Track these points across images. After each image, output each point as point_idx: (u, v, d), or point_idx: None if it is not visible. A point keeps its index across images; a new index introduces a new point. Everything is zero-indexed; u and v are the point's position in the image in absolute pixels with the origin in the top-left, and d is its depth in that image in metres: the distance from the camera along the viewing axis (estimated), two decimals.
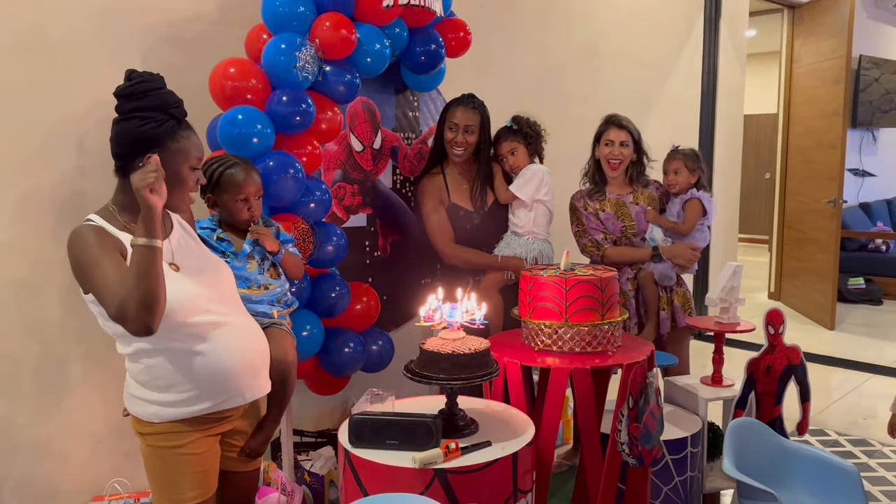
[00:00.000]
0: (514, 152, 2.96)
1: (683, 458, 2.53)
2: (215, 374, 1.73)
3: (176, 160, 1.71)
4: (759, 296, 6.85)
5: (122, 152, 1.70)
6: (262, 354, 1.88)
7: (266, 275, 2.13)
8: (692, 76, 5.19)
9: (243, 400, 1.81)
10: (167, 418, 1.72)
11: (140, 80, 1.71)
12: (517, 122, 2.98)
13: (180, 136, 1.72)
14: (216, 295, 1.78)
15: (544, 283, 2.22)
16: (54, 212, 2.39)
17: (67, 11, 2.38)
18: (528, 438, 1.88)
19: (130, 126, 1.68)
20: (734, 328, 2.75)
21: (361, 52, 2.48)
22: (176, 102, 1.74)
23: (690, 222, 3.04)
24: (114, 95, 1.73)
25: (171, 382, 1.71)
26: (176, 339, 1.69)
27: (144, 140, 1.67)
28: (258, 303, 2.10)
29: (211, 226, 2.14)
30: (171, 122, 1.70)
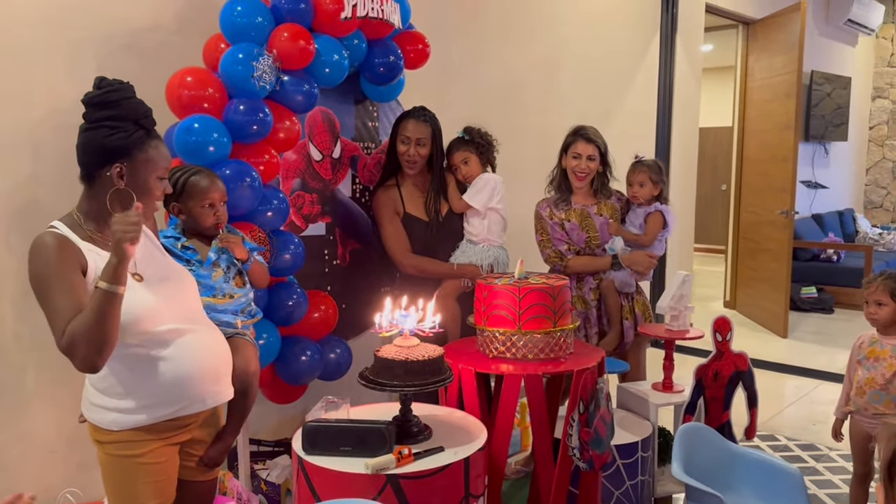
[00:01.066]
0: (466, 162, 3.02)
1: (634, 462, 2.58)
2: (177, 378, 1.73)
3: (144, 170, 1.71)
4: (716, 304, 6.99)
5: (90, 161, 1.70)
6: (224, 361, 1.88)
7: (232, 283, 2.14)
8: (649, 90, 5.31)
9: (204, 406, 1.81)
10: (127, 426, 1.72)
11: (110, 88, 1.70)
12: (469, 133, 3.04)
13: (148, 147, 1.72)
14: (179, 305, 1.78)
15: (498, 291, 2.27)
16: (7, 220, 2.37)
17: (25, 18, 2.37)
18: (481, 443, 1.91)
19: (99, 135, 1.67)
20: (683, 335, 2.83)
21: (320, 62, 2.50)
22: (146, 112, 1.74)
23: (652, 234, 3.11)
24: (82, 102, 1.72)
25: (132, 388, 1.71)
26: (137, 346, 1.69)
27: (112, 150, 1.67)
28: (223, 312, 2.10)
29: (175, 234, 2.13)
30: (140, 133, 1.70)
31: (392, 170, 3.03)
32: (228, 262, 2.14)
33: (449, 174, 3.07)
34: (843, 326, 6.31)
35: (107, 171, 1.68)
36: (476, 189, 2.99)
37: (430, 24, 3.14)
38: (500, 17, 4.12)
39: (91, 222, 1.71)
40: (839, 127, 7.85)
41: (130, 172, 1.69)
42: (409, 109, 3.00)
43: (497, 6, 4.09)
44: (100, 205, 1.70)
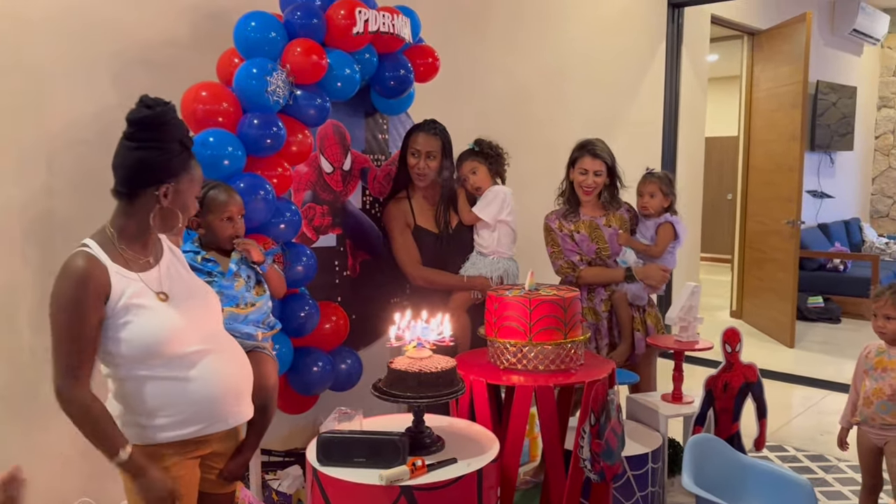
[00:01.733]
0: (475, 171, 3.04)
1: (645, 473, 2.59)
2: (201, 400, 1.74)
3: (188, 190, 1.74)
4: (722, 314, 6.99)
5: (136, 180, 1.68)
6: (245, 380, 1.89)
7: (252, 292, 2.17)
8: (655, 99, 5.34)
9: (226, 425, 1.82)
10: (150, 442, 1.73)
11: (162, 108, 1.69)
12: (478, 145, 3.07)
13: (191, 167, 1.74)
14: (203, 324, 1.79)
15: (509, 302, 2.28)
16: (23, 232, 2.40)
17: (43, 33, 2.40)
18: (493, 455, 1.93)
19: (150, 156, 1.67)
20: (692, 346, 2.84)
21: (332, 76, 2.53)
22: (187, 131, 1.75)
23: (662, 245, 3.12)
24: (129, 121, 1.70)
25: (156, 408, 1.72)
26: (162, 369, 1.70)
27: (163, 171, 1.68)
28: (244, 322, 2.13)
29: (194, 248, 2.16)
30: (185, 153, 1.72)
31: (402, 182, 3.06)
32: (248, 271, 2.18)
33: (459, 186, 3.10)
34: (850, 336, 6.30)
35: (153, 191, 1.68)
36: (486, 201, 3.01)
37: (437, 37, 3.18)
38: (506, 29, 4.15)
39: (125, 240, 1.71)
40: (845, 136, 7.86)
41: (176, 192, 1.70)
42: (420, 122, 3.03)
43: (503, 18, 4.12)
44: (138, 223, 1.71)
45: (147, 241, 1.75)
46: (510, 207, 3.02)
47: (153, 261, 1.75)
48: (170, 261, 1.81)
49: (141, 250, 1.73)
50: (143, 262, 1.73)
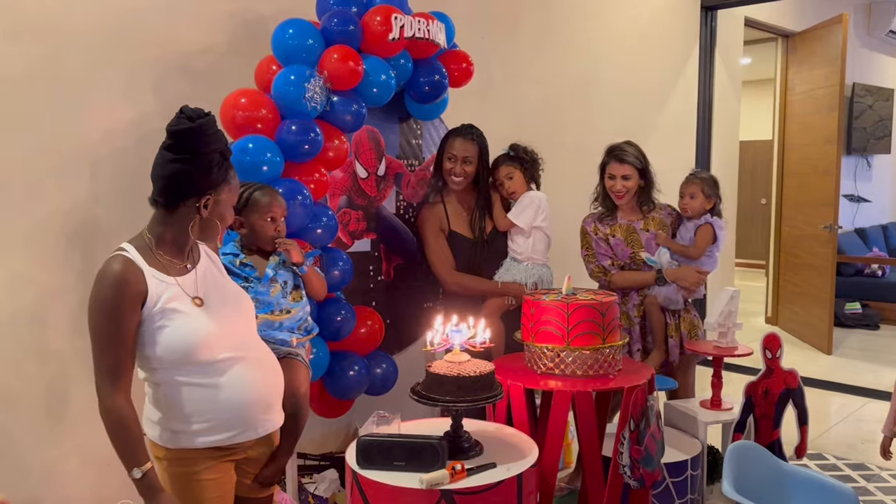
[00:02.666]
0: (510, 177, 3.04)
1: (684, 480, 2.56)
2: (231, 408, 1.75)
3: (228, 202, 1.77)
4: (757, 320, 6.89)
5: (176, 192, 1.70)
6: (276, 390, 1.89)
7: (289, 298, 2.18)
8: (688, 103, 5.29)
9: (256, 434, 1.83)
10: (182, 445, 1.75)
11: (203, 121, 1.69)
12: (514, 150, 3.07)
13: (231, 178, 1.76)
14: (236, 330, 1.80)
15: (546, 307, 2.27)
16: (67, 238, 2.44)
17: (83, 41, 2.45)
18: (533, 460, 1.91)
19: (191, 169, 1.67)
20: (732, 352, 2.80)
21: (368, 82, 2.55)
22: (227, 142, 1.76)
23: (700, 247, 3.07)
24: (170, 132, 1.70)
25: (188, 413, 1.73)
26: (195, 375, 1.72)
27: (204, 183, 1.70)
28: (279, 329, 2.14)
29: (234, 251, 2.18)
30: (225, 164, 1.73)
31: (438, 187, 3.07)
32: (285, 277, 2.19)
33: (494, 192, 3.09)
34: (889, 343, 6.17)
35: (194, 202, 1.70)
36: (521, 207, 3.00)
37: (469, 42, 3.18)
38: (538, 34, 4.15)
39: (162, 246, 1.73)
40: (882, 140, 7.71)
41: (215, 203, 1.73)
42: (457, 127, 3.03)
43: (535, 23, 4.12)
44: (176, 231, 1.72)
45: (184, 247, 1.77)
46: (545, 213, 3.00)
47: (190, 265, 1.77)
48: (207, 266, 1.83)
49: (178, 255, 1.75)
50: (179, 267, 1.75)
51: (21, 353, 2.36)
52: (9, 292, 2.33)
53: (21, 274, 2.36)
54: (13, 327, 2.34)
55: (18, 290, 2.36)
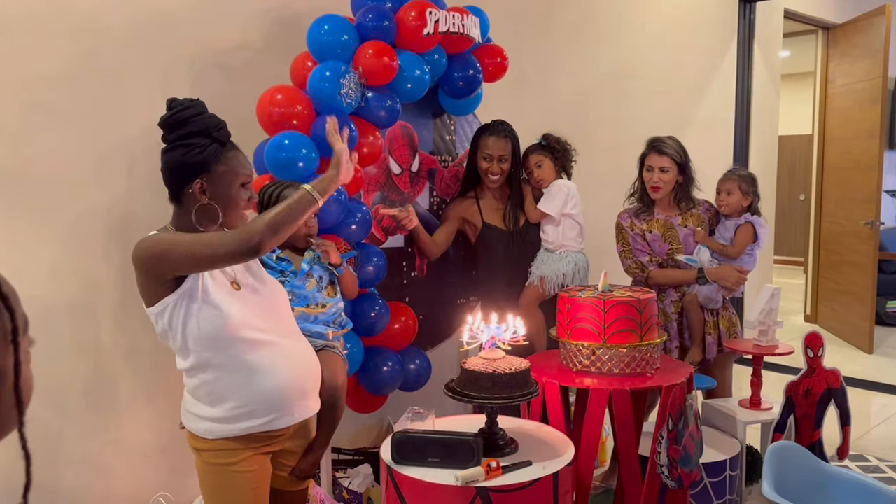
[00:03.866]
0: (539, 165, 3.02)
1: (722, 481, 2.52)
2: (267, 391, 1.76)
3: (225, 181, 1.74)
4: (796, 318, 6.76)
5: (173, 181, 1.75)
6: (313, 376, 1.90)
7: (324, 293, 2.19)
8: (726, 97, 5.20)
9: (292, 419, 1.82)
10: (220, 435, 1.76)
11: (180, 107, 1.74)
12: (546, 139, 3.06)
13: (225, 158, 1.74)
14: (272, 317, 1.81)
15: (582, 304, 2.25)
16: (106, 233, 2.48)
17: (121, 40, 2.48)
18: (569, 458, 1.89)
19: (176, 155, 1.72)
20: (772, 351, 2.74)
21: (402, 78, 2.54)
22: (218, 125, 1.76)
23: (740, 247, 3.01)
24: (158, 126, 1.77)
25: (223, 399, 1.74)
26: (231, 354, 1.72)
27: (191, 166, 1.71)
28: (314, 322, 2.15)
29: None
30: (214, 146, 1.73)
31: (471, 183, 3.06)
32: (320, 272, 2.20)
33: (526, 185, 3.08)
34: None
35: (189, 189, 1.72)
36: (550, 196, 2.99)
37: (503, 36, 3.16)
38: (572, 27, 4.10)
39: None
40: None
41: (212, 186, 1.72)
42: (489, 124, 3.00)
43: (569, 16, 4.08)
44: (189, 222, 1.74)
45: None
46: (575, 200, 2.98)
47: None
48: None
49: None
50: None
51: (62, 347, 2.40)
52: (51, 286, 2.37)
53: (62, 268, 2.40)
54: (55, 321, 2.38)
55: (60, 284, 2.40)
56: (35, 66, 2.32)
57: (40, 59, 2.33)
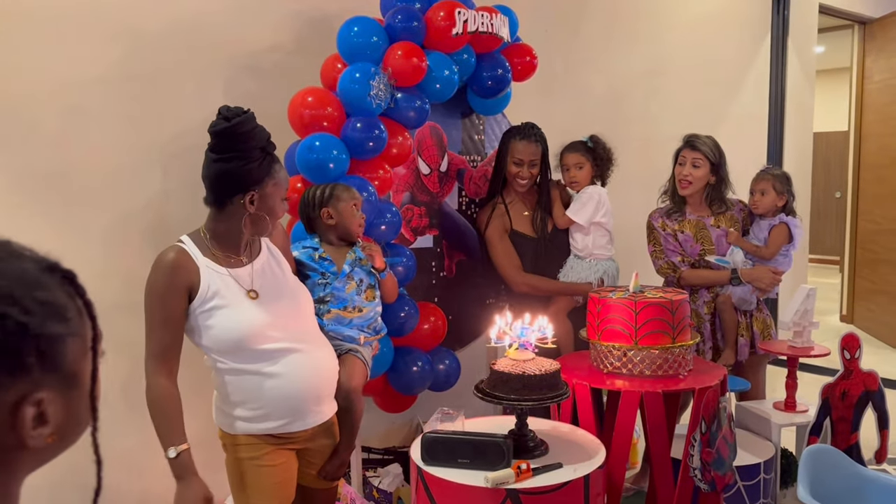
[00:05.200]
0: (580, 167, 2.96)
1: (756, 484, 2.48)
2: (281, 398, 1.80)
3: (273, 195, 1.79)
4: (831, 319, 6.63)
5: (222, 190, 1.77)
6: (328, 382, 1.93)
7: (362, 296, 2.21)
8: (760, 94, 5.11)
9: (305, 424, 1.86)
10: (243, 431, 1.82)
11: (238, 119, 1.74)
12: (594, 142, 2.98)
13: (274, 172, 1.79)
14: (291, 323, 1.84)
15: (613, 305, 2.23)
16: (141, 234, 2.52)
17: (156, 43, 2.52)
18: (600, 461, 1.88)
19: (233, 167, 1.73)
20: (808, 353, 2.70)
21: (431, 78, 2.54)
22: (268, 137, 1.80)
23: (774, 247, 2.97)
24: (211, 133, 1.78)
25: (244, 399, 1.81)
26: (248, 362, 1.78)
27: (246, 180, 1.74)
28: (349, 325, 2.17)
29: (314, 245, 2.23)
30: (267, 159, 1.77)
31: (498, 187, 3.02)
32: (361, 275, 2.21)
33: (554, 189, 3.03)
34: None
35: (239, 199, 1.75)
36: (580, 203, 2.93)
37: (531, 35, 3.14)
38: (603, 25, 4.07)
39: (216, 241, 1.81)
40: None
41: (261, 198, 1.77)
42: (518, 127, 2.97)
43: (600, 13, 4.04)
44: (228, 228, 1.79)
45: (238, 242, 1.82)
46: (606, 208, 2.93)
47: (246, 259, 1.83)
48: (266, 260, 1.88)
49: (233, 250, 1.82)
50: (234, 260, 1.81)
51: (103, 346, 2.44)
52: (90, 286, 2.39)
53: (101, 268, 2.44)
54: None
55: (99, 283, 2.40)
56: (73, 70, 2.37)
57: (78, 63, 2.37)
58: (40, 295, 0.69)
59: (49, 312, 0.69)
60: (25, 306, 0.67)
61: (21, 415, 0.67)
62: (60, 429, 0.71)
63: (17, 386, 0.66)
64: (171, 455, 1.71)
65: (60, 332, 0.70)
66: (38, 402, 0.68)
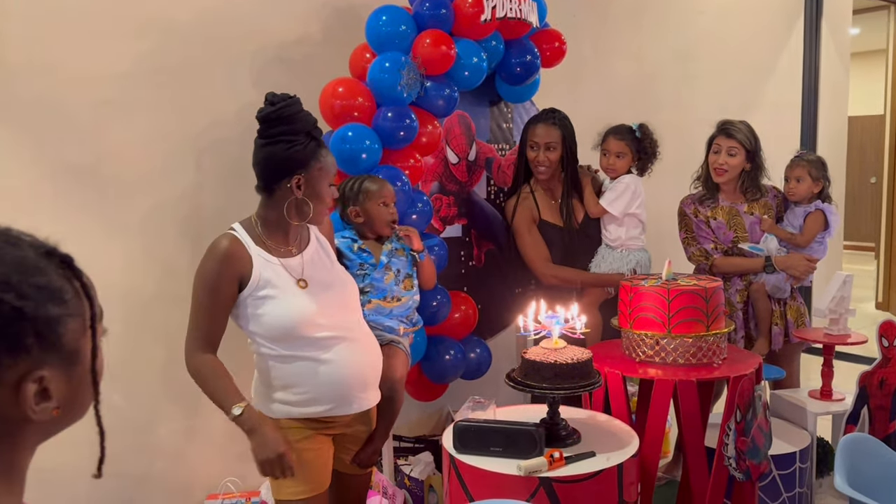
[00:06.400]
0: (621, 155, 2.86)
1: (792, 473, 2.45)
2: (329, 383, 1.83)
3: (319, 179, 1.81)
4: (867, 306, 6.51)
5: (270, 174, 1.79)
6: (373, 370, 1.95)
7: (400, 286, 2.22)
8: (793, 78, 5.01)
9: (350, 410, 1.89)
10: (283, 415, 1.85)
11: (284, 104, 1.77)
12: (643, 131, 2.89)
13: (321, 156, 1.80)
14: (339, 313, 1.87)
15: (645, 293, 2.21)
16: (176, 225, 2.55)
17: (187, 36, 2.54)
18: (634, 450, 1.87)
19: (278, 150, 1.76)
20: (845, 340, 2.66)
21: (460, 66, 2.53)
22: (314, 122, 1.83)
23: (809, 235, 2.91)
24: (258, 119, 1.80)
25: (289, 384, 1.83)
26: (296, 349, 1.80)
27: (292, 163, 1.76)
28: (389, 316, 2.19)
29: (352, 236, 2.26)
30: (313, 143, 1.79)
31: (523, 176, 2.94)
32: (399, 265, 2.23)
33: (584, 177, 2.96)
34: None
35: (286, 183, 1.77)
36: (616, 193, 2.85)
37: (559, 20, 3.10)
38: (632, 8, 4.01)
39: (266, 229, 1.83)
40: None
41: (307, 182, 1.78)
42: (538, 113, 2.92)
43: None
44: (277, 214, 1.81)
45: (288, 230, 1.84)
46: (641, 198, 2.85)
47: (296, 250, 1.85)
48: (315, 250, 1.90)
49: (283, 239, 1.83)
50: (284, 250, 1.83)
51: (136, 335, 2.48)
52: (125, 277, 2.45)
53: (136, 259, 2.48)
54: (131, 310, 2.46)
55: (134, 274, 2.48)
56: (104, 63, 2.39)
57: (109, 57, 2.40)
58: (37, 280, 0.74)
59: (46, 296, 0.74)
60: (22, 291, 0.72)
61: (24, 391, 0.72)
62: (65, 402, 0.76)
63: (19, 365, 0.72)
64: (237, 413, 1.73)
65: (58, 313, 0.74)
66: (39, 380, 0.73)
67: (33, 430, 0.76)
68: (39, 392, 0.73)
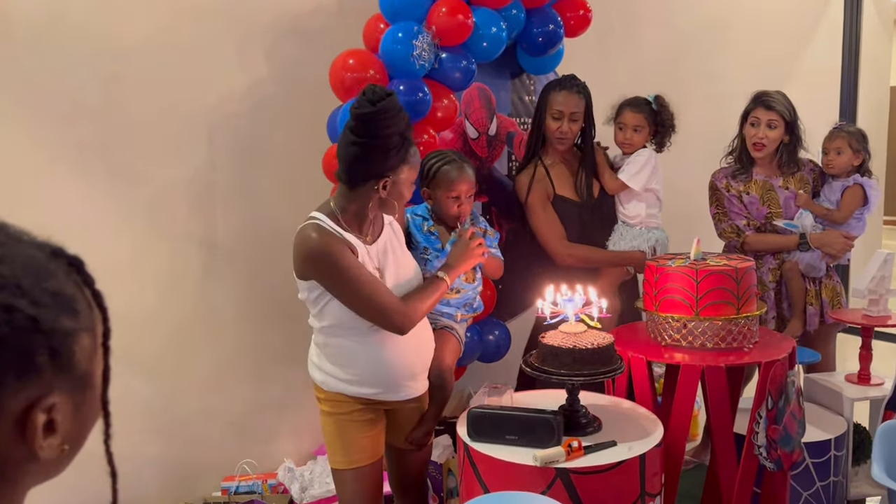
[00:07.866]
0: (638, 129, 2.70)
1: (826, 461, 2.35)
2: (380, 370, 1.87)
3: (407, 181, 1.84)
4: None
5: (358, 174, 1.78)
6: (423, 361, 1.99)
7: (462, 278, 2.15)
8: (832, 46, 4.79)
9: (397, 396, 1.93)
10: (334, 388, 1.89)
11: (383, 104, 1.72)
12: (660, 104, 2.72)
13: (409, 157, 1.81)
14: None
15: (672, 274, 2.10)
16: (189, 204, 2.50)
17: (197, 10, 2.47)
18: (657, 439, 1.78)
19: (371, 153, 1.75)
20: (885, 322, 2.53)
21: (477, 36, 2.43)
22: (408, 121, 1.80)
23: (847, 210, 2.77)
24: (355, 116, 1.74)
25: (345, 362, 1.87)
26: (360, 333, 1.84)
27: (384, 167, 1.77)
28: (446, 304, 2.15)
29: (425, 214, 2.21)
30: (405, 146, 1.78)
31: (536, 148, 2.72)
32: None
33: (599, 151, 2.78)
34: None
35: (374, 184, 1.77)
36: (635, 168, 2.68)
37: None
38: None
39: (346, 218, 1.83)
40: None
41: (394, 184, 1.80)
42: (558, 79, 2.71)
43: None
44: (358, 207, 1.83)
45: (364, 221, 1.86)
46: (659, 174, 2.70)
47: (371, 238, 1.87)
48: (388, 238, 1.92)
49: (359, 228, 1.85)
50: (361, 238, 1.86)
51: (148, 318, 2.45)
52: (136, 257, 2.41)
53: (147, 239, 2.44)
54: (143, 291, 2.43)
55: (145, 254, 2.44)
56: (114, 41, 2.34)
57: (119, 33, 2.35)
58: (50, 284, 0.60)
59: (60, 305, 0.60)
60: (35, 297, 0.58)
61: (32, 422, 0.58)
62: (69, 438, 0.62)
63: (28, 390, 0.57)
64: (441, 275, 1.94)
65: (72, 326, 0.61)
66: (48, 409, 0.59)
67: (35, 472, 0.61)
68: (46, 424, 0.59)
